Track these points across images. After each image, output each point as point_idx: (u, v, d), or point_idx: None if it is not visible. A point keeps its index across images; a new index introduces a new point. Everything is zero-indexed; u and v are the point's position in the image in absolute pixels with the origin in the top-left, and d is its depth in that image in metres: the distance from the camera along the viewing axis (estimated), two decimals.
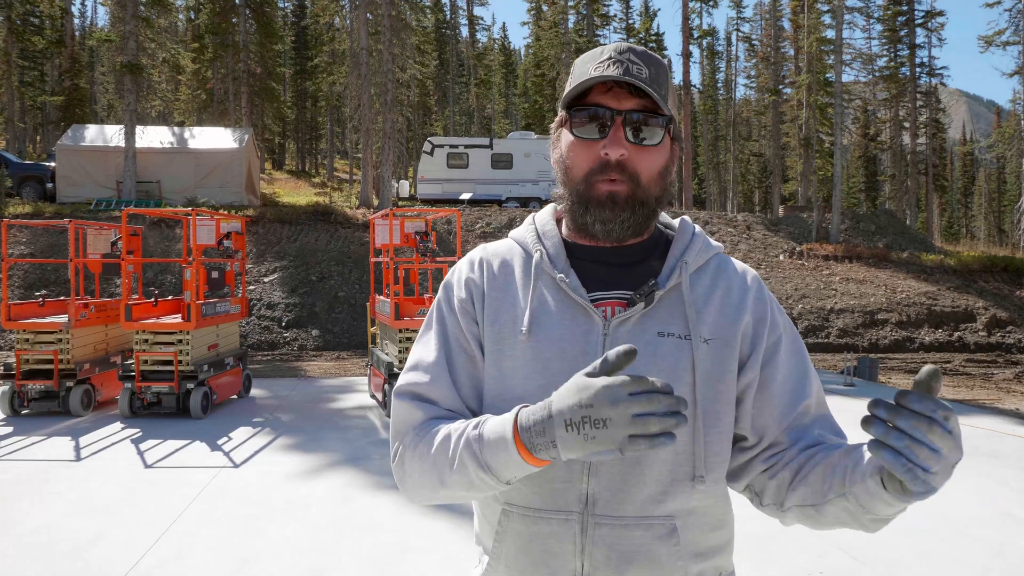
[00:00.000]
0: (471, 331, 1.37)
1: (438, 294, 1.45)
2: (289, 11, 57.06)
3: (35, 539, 4.93)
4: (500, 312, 1.35)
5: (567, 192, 1.35)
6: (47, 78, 46.67)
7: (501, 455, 1.16)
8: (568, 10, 40.43)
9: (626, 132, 1.28)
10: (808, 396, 1.34)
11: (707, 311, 1.32)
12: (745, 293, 1.36)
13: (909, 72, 41.90)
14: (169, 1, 26.75)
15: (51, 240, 19.19)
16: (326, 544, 4.89)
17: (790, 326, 1.39)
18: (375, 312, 10.19)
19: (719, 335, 1.31)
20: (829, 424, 1.36)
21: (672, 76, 1.35)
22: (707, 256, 1.38)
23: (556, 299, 1.32)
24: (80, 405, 8.84)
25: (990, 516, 5.42)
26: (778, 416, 1.33)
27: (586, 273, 1.35)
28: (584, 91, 1.31)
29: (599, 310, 1.30)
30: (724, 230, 25.65)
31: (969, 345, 18.91)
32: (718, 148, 61.64)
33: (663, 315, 1.30)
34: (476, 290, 1.39)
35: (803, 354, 1.38)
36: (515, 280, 1.38)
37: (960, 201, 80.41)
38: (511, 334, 1.33)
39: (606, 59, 1.29)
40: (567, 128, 1.34)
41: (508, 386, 1.31)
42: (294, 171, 52.25)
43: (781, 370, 1.34)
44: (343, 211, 23.95)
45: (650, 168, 1.30)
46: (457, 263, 1.48)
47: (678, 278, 1.32)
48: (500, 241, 1.46)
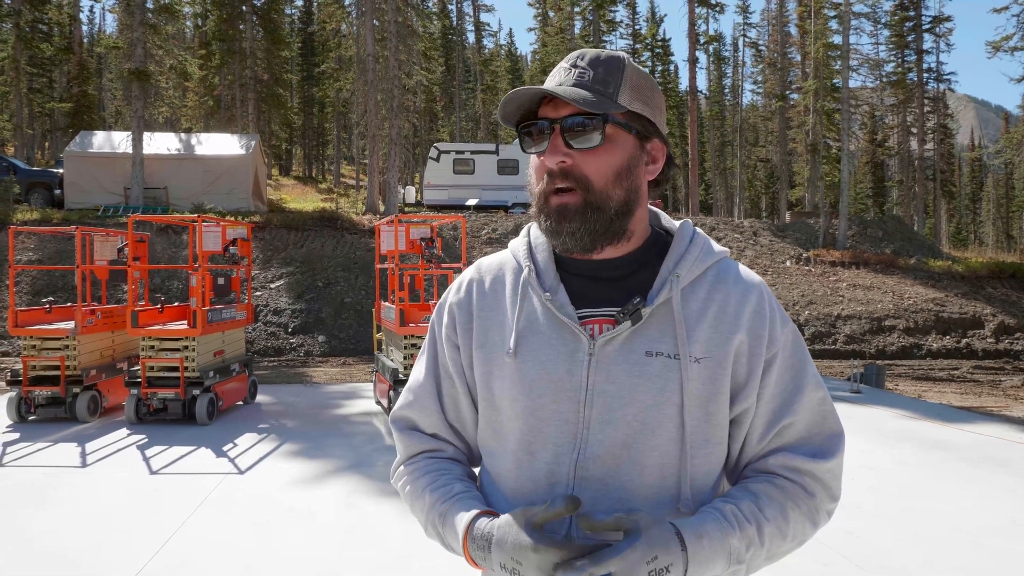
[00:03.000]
0: (454, 359, 1.40)
1: (433, 314, 1.48)
2: (296, 18, 57.32)
3: (41, 545, 4.93)
4: (490, 332, 1.36)
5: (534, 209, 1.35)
6: (55, 85, 46.89)
7: (456, 547, 1.28)
8: (574, 16, 40.45)
9: (566, 139, 1.26)
10: (793, 414, 1.29)
11: (700, 328, 1.26)
12: (742, 307, 1.29)
13: (917, 77, 41.79)
14: (176, 8, 26.82)
15: (58, 246, 19.26)
16: (331, 551, 4.89)
17: (791, 340, 1.32)
18: (381, 318, 10.20)
19: (712, 353, 1.26)
20: (809, 448, 1.30)
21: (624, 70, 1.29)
22: (704, 266, 1.32)
23: (544, 317, 1.31)
24: (86, 411, 8.86)
25: (998, 524, 5.39)
26: (756, 436, 1.30)
27: (575, 289, 1.32)
28: (534, 109, 1.31)
29: (586, 329, 1.28)
30: (731, 236, 25.60)
31: (977, 352, 18.84)
32: (725, 154, 61.58)
33: (653, 332, 1.26)
34: (462, 314, 1.40)
35: (801, 367, 1.32)
36: (505, 297, 1.38)
37: (968, 207, 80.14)
38: (499, 354, 1.33)
39: (557, 70, 1.30)
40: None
41: (497, 407, 1.33)
42: (301, 177, 52.36)
43: (769, 389, 1.29)
44: (349, 217, 23.98)
45: (600, 170, 1.26)
46: (455, 280, 1.49)
47: (668, 293, 1.27)
48: (497, 254, 1.46)
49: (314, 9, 55.69)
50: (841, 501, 5.60)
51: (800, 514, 1.27)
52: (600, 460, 1.23)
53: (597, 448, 1.24)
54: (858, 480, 6.48)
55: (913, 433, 8.45)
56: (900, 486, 6.39)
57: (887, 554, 4.78)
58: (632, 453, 1.23)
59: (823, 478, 1.29)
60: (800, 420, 1.30)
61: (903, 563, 4.65)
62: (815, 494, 1.29)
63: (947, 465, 7.08)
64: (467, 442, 1.45)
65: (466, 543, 1.24)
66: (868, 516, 5.54)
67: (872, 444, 7.90)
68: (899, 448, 7.73)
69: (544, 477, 1.26)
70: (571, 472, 1.24)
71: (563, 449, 1.25)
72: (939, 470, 6.93)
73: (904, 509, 5.73)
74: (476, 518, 1.25)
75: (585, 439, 1.24)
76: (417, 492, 1.37)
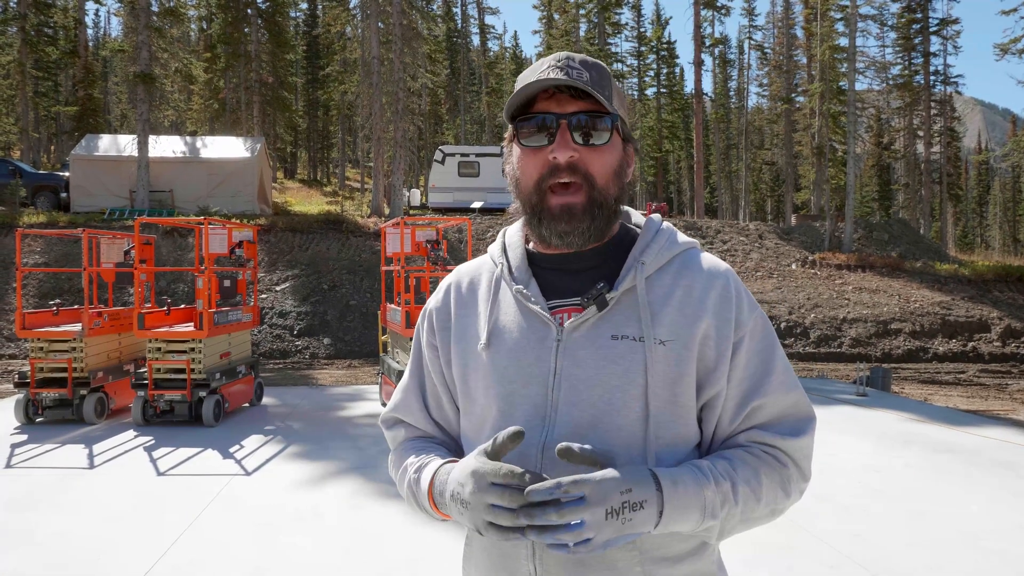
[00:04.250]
0: (432, 360, 1.48)
1: (418, 319, 1.54)
2: (301, 21, 57.43)
3: (49, 546, 4.95)
4: (467, 329, 1.41)
5: (521, 204, 1.36)
6: (61, 88, 47.10)
7: (426, 505, 1.35)
8: (579, 18, 40.52)
9: (573, 135, 1.28)
10: (763, 395, 1.31)
11: (665, 312, 1.29)
12: (707, 292, 1.31)
13: (923, 80, 41.74)
14: (181, 11, 26.90)
15: (65, 249, 19.32)
16: (337, 553, 4.89)
17: (759, 324, 1.34)
18: (386, 320, 10.21)
19: (677, 336, 1.28)
20: (780, 426, 1.32)
21: (611, 76, 1.35)
22: (670, 255, 1.35)
23: (515, 310, 1.35)
24: (94, 413, 8.88)
25: (1004, 528, 5.37)
26: (728, 418, 1.32)
27: (547, 282, 1.36)
28: (529, 101, 1.33)
29: (555, 317, 1.31)
30: (736, 239, 25.58)
31: (983, 355, 18.79)
32: (730, 157, 61.55)
33: (619, 318, 1.29)
34: (441, 318, 1.47)
35: (769, 352, 1.34)
36: (479, 296, 1.43)
37: (975, 210, 79.99)
38: (474, 349, 1.38)
39: (546, 67, 1.31)
40: (516, 141, 1.34)
41: (473, 398, 1.38)
42: (306, 180, 52.44)
43: (738, 372, 1.31)
44: (354, 220, 24.02)
45: (603, 168, 1.30)
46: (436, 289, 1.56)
47: (632, 280, 1.30)
48: (476, 258, 1.51)
49: (319, 12, 55.87)
50: (847, 503, 5.60)
51: (773, 482, 1.28)
52: (566, 440, 1.24)
53: (564, 428, 1.27)
54: (864, 483, 6.46)
55: (919, 436, 8.43)
56: (906, 489, 6.37)
57: (893, 557, 4.77)
58: (598, 433, 1.26)
59: (794, 455, 1.31)
60: (770, 402, 1.31)
61: (911, 566, 4.64)
62: (787, 465, 1.31)
63: (953, 468, 7.06)
64: (452, 437, 1.50)
65: (431, 489, 1.32)
66: (874, 519, 5.53)
67: (878, 447, 7.89)
68: (905, 451, 7.71)
69: (516, 458, 1.27)
70: (539, 453, 1.27)
71: (533, 431, 1.28)
72: (945, 473, 6.91)
73: (910, 512, 5.71)
74: (442, 465, 1.34)
75: (553, 420, 1.28)
76: (400, 466, 1.46)
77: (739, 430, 1.32)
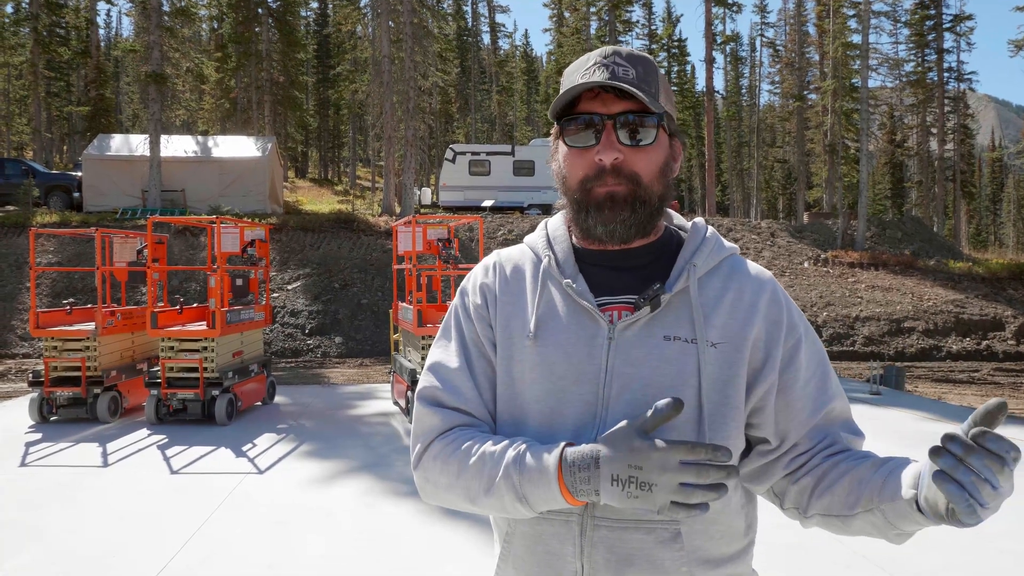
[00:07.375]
0: (487, 335, 1.38)
1: (455, 299, 1.46)
2: (312, 20, 57.49)
3: (62, 545, 4.97)
4: (511, 317, 1.37)
5: (567, 201, 1.36)
6: (73, 88, 47.33)
7: (541, 490, 1.19)
8: (590, 16, 40.42)
9: (619, 135, 1.28)
10: (832, 399, 1.33)
11: (716, 314, 1.30)
12: (758, 296, 1.33)
13: (937, 77, 41.47)
14: (193, 11, 27.00)
15: (78, 249, 19.42)
16: (350, 551, 4.90)
17: (809, 329, 1.37)
18: (398, 319, 10.22)
19: (729, 339, 1.28)
20: (851, 427, 1.35)
21: (658, 71, 1.34)
22: (719, 258, 1.36)
23: (564, 304, 1.33)
24: (107, 412, 8.92)
25: (1019, 529, 5.33)
26: (801, 419, 1.32)
27: (594, 278, 1.35)
28: (574, 100, 1.32)
29: (605, 315, 1.30)
30: (748, 237, 25.49)
31: (997, 354, 18.67)
32: (742, 154, 61.30)
33: (670, 319, 1.28)
34: (490, 295, 1.40)
35: (823, 357, 1.37)
36: (526, 286, 1.39)
37: (988, 208, 79.48)
38: (520, 338, 1.34)
39: (592, 65, 1.30)
40: (562, 140, 1.34)
41: (517, 390, 1.33)
42: (317, 179, 52.58)
43: (802, 373, 1.32)
44: (365, 219, 24.05)
45: (648, 167, 1.30)
46: (474, 268, 1.50)
47: (685, 281, 1.30)
48: (515, 247, 1.48)
49: (329, 11, 55.93)
50: None
51: None
52: None
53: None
54: None
55: (934, 435, 8.38)
56: None
57: (907, 556, 4.74)
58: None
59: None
60: (838, 403, 1.34)
61: (925, 567, 4.61)
62: None
63: None
64: (496, 421, 1.40)
65: (561, 472, 1.17)
66: None
67: (892, 446, 7.84)
68: (920, 450, 7.62)
69: None
70: None
71: (583, 428, 1.27)
72: None
73: None
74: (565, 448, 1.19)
75: (604, 419, 1.26)
76: (464, 455, 1.28)
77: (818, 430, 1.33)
